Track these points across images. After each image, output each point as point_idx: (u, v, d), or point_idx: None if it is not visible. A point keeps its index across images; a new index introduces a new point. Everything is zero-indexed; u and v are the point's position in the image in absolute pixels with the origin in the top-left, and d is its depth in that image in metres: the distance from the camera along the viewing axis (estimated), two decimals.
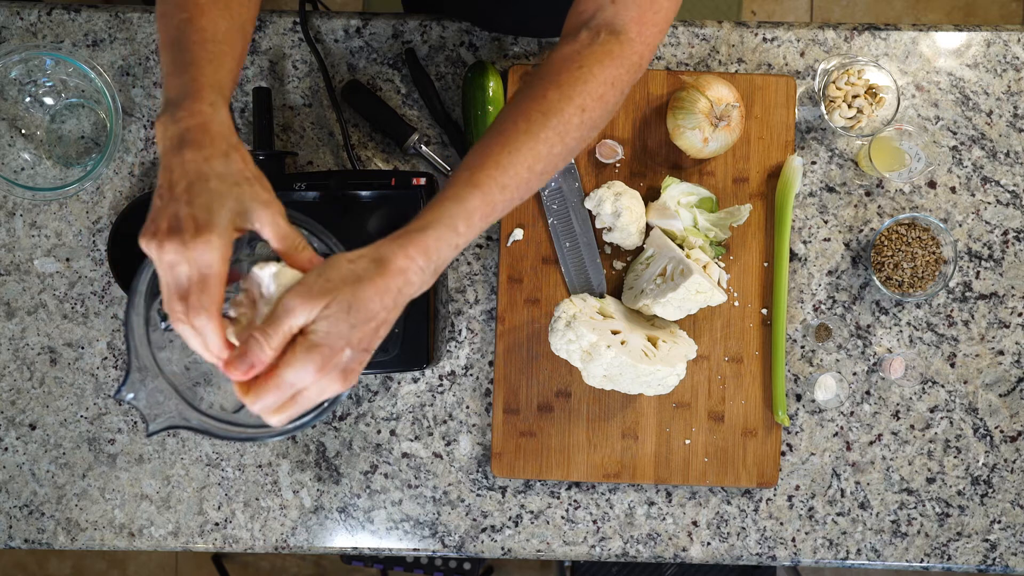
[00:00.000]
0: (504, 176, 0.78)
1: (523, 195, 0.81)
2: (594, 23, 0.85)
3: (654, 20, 0.86)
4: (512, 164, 0.79)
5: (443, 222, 0.75)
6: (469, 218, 0.76)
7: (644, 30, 0.85)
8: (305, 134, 1.22)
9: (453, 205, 0.76)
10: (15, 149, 1.21)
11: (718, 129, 1.13)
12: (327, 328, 0.70)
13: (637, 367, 1.07)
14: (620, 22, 0.84)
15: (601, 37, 0.84)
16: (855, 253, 1.21)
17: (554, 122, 0.81)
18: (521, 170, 0.79)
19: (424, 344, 1.12)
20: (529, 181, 0.80)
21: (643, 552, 1.21)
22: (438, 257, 0.74)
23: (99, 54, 1.22)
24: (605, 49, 0.84)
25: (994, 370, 1.21)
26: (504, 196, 0.78)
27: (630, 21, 0.85)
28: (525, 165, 0.79)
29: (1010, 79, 1.21)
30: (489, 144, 0.80)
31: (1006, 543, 1.21)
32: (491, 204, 0.78)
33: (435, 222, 0.75)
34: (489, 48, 1.22)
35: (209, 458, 1.21)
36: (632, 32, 0.85)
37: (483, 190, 0.77)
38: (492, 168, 0.78)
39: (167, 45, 0.79)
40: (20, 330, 1.22)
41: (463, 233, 0.76)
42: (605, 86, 0.83)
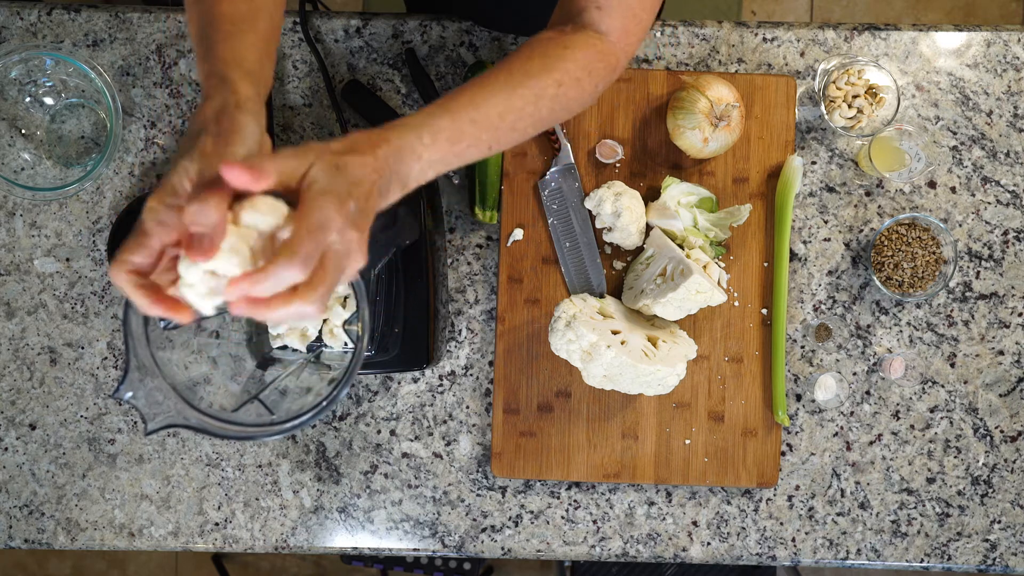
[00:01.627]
0: (476, 112, 0.79)
1: (491, 141, 0.81)
2: (580, 20, 0.90)
3: (635, 30, 0.91)
4: (485, 104, 0.80)
5: (408, 127, 0.75)
6: (435, 134, 0.76)
7: (625, 38, 0.90)
8: (305, 134, 1.22)
9: (421, 117, 0.77)
10: (15, 149, 1.21)
11: (718, 129, 1.13)
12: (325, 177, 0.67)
13: (637, 367, 1.07)
14: (604, 26, 0.89)
15: (587, 32, 0.89)
16: (855, 253, 1.21)
17: (532, 83, 0.83)
18: (493, 113, 0.81)
19: (424, 344, 1.12)
20: (499, 128, 0.82)
21: (643, 552, 1.21)
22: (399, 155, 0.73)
23: (99, 54, 1.22)
24: (590, 42, 0.88)
25: (994, 370, 1.21)
26: (472, 130, 0.79)
27: (613, 28, 0.89)
28: (497, 111, 0.81)
29: (1010, 79, 1.21)
30: (469, 86, 0.82)
31: (1006, 543, 1.21)
32: (459, 131, 0.78)
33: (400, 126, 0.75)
34: (489, 48, 1.22)
35: (209, 458, 1.22)
36: (615, 36, 0.90)
37: (453, 115, 0.78)
38: (466, 102, 0.80)
39: (195, 39, 0.81)
40: (20, 330, 1.22)
41: (427, 145, 0.75)
42: (583, 72, 0.87)
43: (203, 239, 0.64)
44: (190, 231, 0.65)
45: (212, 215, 0.64)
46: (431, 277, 1.09)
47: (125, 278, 0.67)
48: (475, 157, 0.81)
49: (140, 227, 0.67)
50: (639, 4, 0.90)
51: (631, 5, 0.89)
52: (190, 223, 0.64)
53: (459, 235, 1.22)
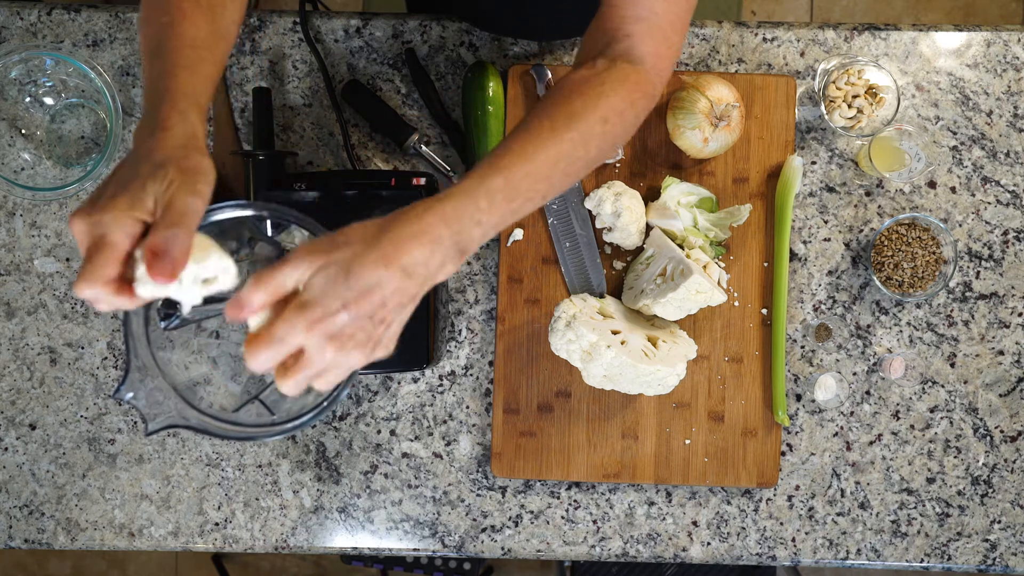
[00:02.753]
0: (528, 165, 0.78)
1: (545, 191, 0.81)
2: (611, 52, 0.88)
3: (667, 53, 0.89)
4: (536, 155, 0.79)
5: (464, 195, 0.74)
6: (491, 196, 0.75)
7: (658, 63, 0.88)
8: (305, 134, 1.22)
9: (475, 182, 0.76)
10: (15, 149, 1.21)
11: (718, 129, 1.13)
12: (320, 286, 0.68)
13: (637, 367, 1.07)
14: (637, 54, 0.87)
15: (618, 64, 0.87)
16: (855, 253, 1.21)
17: (578, 125, 0.82)
18: (545, 164, 0.79)
19: (424, 344, 1.12)
20: (551, 177, 0.80)
21: (643, 552, 1.21)
22: (458, 228, 0.73)
23: (99, 54, 1.22)
24: (624, 74, 0.86)
25: (994, 370, 1.21)
26: (527, 184, 0.78)
27: (646, 54, 0.88)
28: (549, 160, 0.80)
29: (1010, 79, 1.21)
30: (514, 138, 0.80)
31: (1006, 543, 1.21)
32: (515, 188, 0.77)
33: (455, 195, 0.74)
34: (489, 48, 1.22)
35: (209, 458, 1.22)
36: (648, 63, 0.88)
37: (506, 173, 0.77)
38: (517, 156, 0.78)
39: (147, 52, 0.79)
40: (20, 330, 1.22)
41: (484, 209, 0.74)
42: (625, 104, 0.85)
43: (167, 263, 0.66)
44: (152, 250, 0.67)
45: (182, 244, 0.67)
46: None
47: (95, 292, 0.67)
48: (531, 210, 0.80)
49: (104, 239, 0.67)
50: (670, 27, 0.88)
51: (662, 28, 0.88)
52: (156, 246, 0.66)
53: None
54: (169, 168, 0.69)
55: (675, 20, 0.88)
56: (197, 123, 0.74)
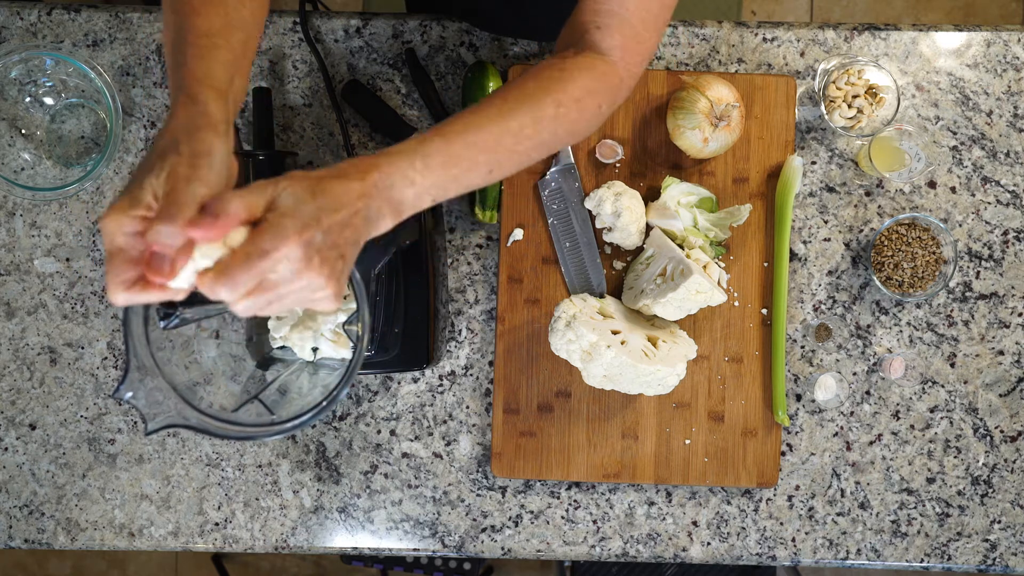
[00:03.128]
0: (472, 135, 0.79)
1: (489, 164, 0.81)
2: (582, 43, 0.90)
3: (637, 49, 0.90)
4: (482, 127, 0.80)
5: (401, 154, 0.75)
6: (427, 159, 0.76)
7: (627, 56, 0.90)
8: (305, 134, 1.22)
9: (414, 144, 0.76)
10: (15, 149, 1.21)
11: (718, 129, 1.13)
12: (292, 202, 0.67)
13: (637, 367, 1.07)
14: (605, 46, 0.89)
15: (585, 53, 0.89)
16: (855, 253, 1.21)
17: (528, 106, 0.83)
18: (489, 136, 0.80)
19: (424, 344, 1.12)
20: (495, 150, 0.81)
21: (643, 552, 1.21)
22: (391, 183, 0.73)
23: (99, 54, 1.22)
24: (588, 62, 0.88)
25: (994, 370, 1.21)
26: (469, 153, 0.79)
27: (614, 47, 0.89)
28: (495, 134, 0.80)
29: (1010, 79, 1.21)
30: (463, 112, 0.82)
31: (1006, 543, 1.21)
32: (454, 156, 0.78)
33: (391, 152, 0.75)
34: (489, 48, 1.22)
35: (209, 458, 1.22)
36: (615, 56, 0.89)
37: (447, 139, 0.78)
38: (463, 125, 0.79)
39: (168, 52, 0.80)
40: (20, 330, 1.22)
41: (419, 170, 0.75)
42: (582, 91, 0.86)
43: (164, 262, 0.66)
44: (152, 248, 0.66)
45: (177, 239, 0.65)
46: (431, 277, 1.09)
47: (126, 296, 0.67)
48: (476, 182, 0.80)
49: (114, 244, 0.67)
50: (640, 23, 0.89)
51: (632, 24, 0.89)
52: (154, 242, 0.66)
53: (459, 235, 1.22)
54: (169, 156, 0.68)
55: (647, 17, 0.89)
56: (211, 103, 0.73)
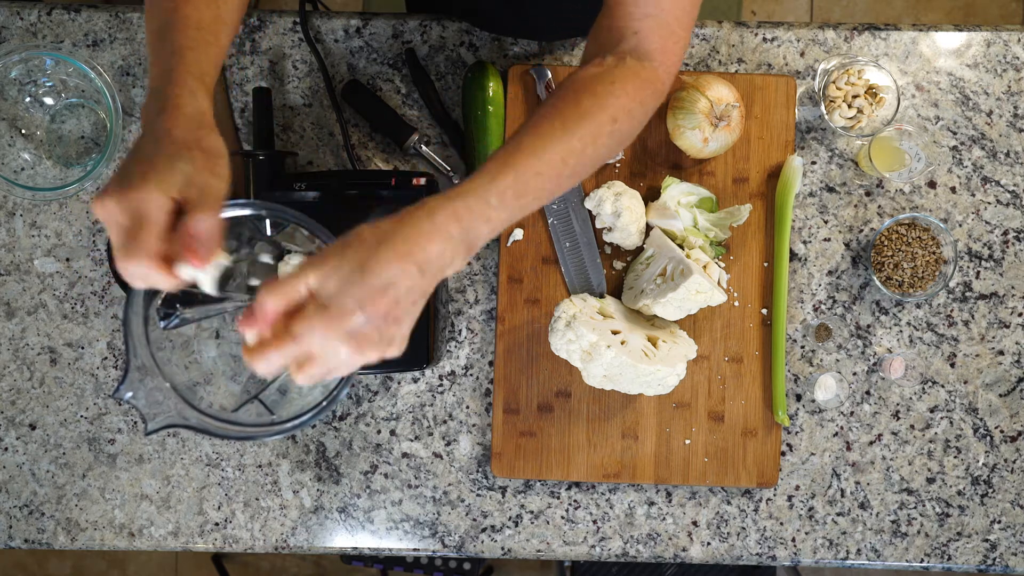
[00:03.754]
0: (538, 163, 0.79)
1: (553, 189, 0.81)
2: (619, 50, 0.88)
3: (674, 49, 0.90)
4: (546, 154, 0.79)
5: (475, 193, 0.75)
6: (502, 194, 0.76)
7: (666, 58, 0.89)
8: (305, 134, 1.22)
9: (486, 180, 0.76)
10: (15, 149, 1.21)
11: (718, 129, 1.13)
12: (335, 287, 0.68)
13: (637, 367, 1.07)
14: (644, 50, 0.88)
15: (627, 61, 0.87)
16: (855, 253, 1.21)
17: (587, 124, 0.82)
18: (555, 160, 0.80)
19: (424, 344, 1.12)
20: (561, 175, 0.81)
21: (643, 552, 1.21)
22: (469, 227, 0.73)
23: (99, 54, 1.22)
24: (633, 71, 0.87)
25: (994, 370, 1.21)
26: (537, 183, 0.79)
27: (654, 50, 0.88)
28: (559, 157, 0.80)
29: (1010, 79, 1.21)
30: (524, 135, 0.81)
31: (1006, 543, 1.21)
32: (524, 185, 0.77)
33: (466, 193, 0.74)
34: (489, 48, 1.22)
35: (209, 458, 1.22)
36: (656, 59, 0.88)
37: (517, 170, 0.77)
38: (527, 155, 0.79)
39: (152, 35, 0.80)
40: (20, 330, 1.22)
41: (495, 207, 0.75)
42: (634, 103, 0.86)
43: (204, 248, 0.70)
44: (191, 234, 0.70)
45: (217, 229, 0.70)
46: None
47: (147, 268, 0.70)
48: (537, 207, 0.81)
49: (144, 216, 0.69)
50: (676, 22, 0.89)
51: (668, 24, 0.88)
52: (195, 230, 0.69)
53: None
54: (193, 150, 0.71)
55: (681, 15, 0.89)
56: (205, 102, 0.76)
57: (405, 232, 0.71)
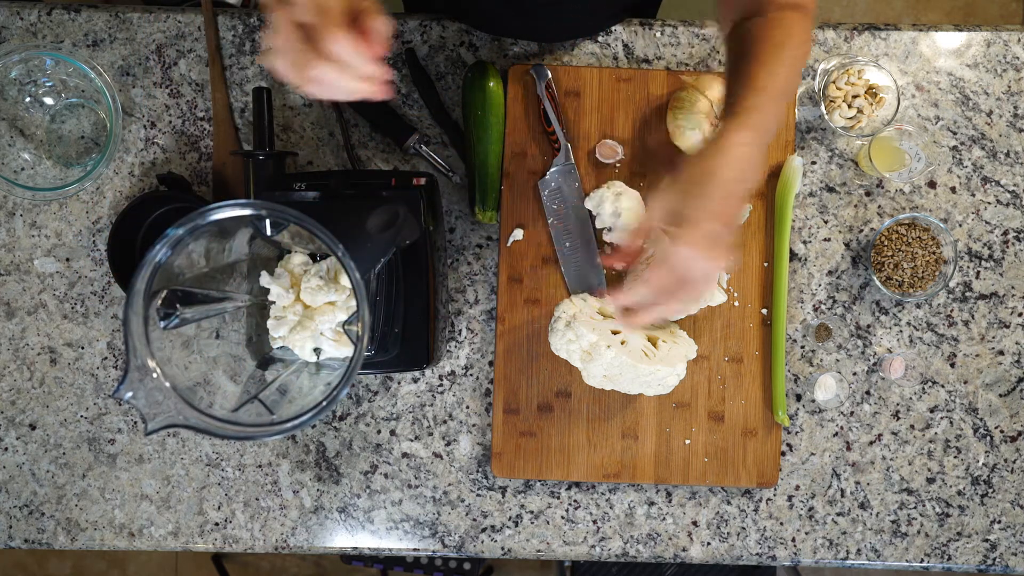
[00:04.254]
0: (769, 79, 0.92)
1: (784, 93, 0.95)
2: (775, 5, 0.97)
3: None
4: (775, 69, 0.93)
5: (758, 109, 0.90)
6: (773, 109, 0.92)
7: (810, 3, 0.99)
8: (305, 134, 1.22)
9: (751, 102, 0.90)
10: (15, 149, 1.21)
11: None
12: (683, 204, 0.87)
13: (637, 367, 1.07)
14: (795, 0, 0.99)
15: (786, 11, 0.97)
16: (855, 253, 1.21)
17: (789, 50, 0.94)
18: (782, 74, 0.93)
19: (424, 344, 1.12)
20: (787, 90, 0.95)
21: (643, 552, 1.21)
22: (764, 133, 0.90)
23: (99, 54, 1.22)
24: (796, 16, 0.97)
25: (994, 370, 1.21)
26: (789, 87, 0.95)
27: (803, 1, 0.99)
28: (784, 73, 0.93)
29: (1010, 79, 1.21)
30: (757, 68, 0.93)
31: (1006, 543, 1.21)
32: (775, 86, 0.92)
33: (753, 108, 0.90)
34: (489, 48, 1.22)
35: (209, 458, 1.22)
36: (808, 4, 0.99)
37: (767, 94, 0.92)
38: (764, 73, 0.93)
39: None
40: (20, 330, 1.22)
41: (772, 115, 0.91)
42: (804, 38, 0.97)
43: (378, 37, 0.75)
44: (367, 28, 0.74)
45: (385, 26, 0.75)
46: (431, 277, 1.09)
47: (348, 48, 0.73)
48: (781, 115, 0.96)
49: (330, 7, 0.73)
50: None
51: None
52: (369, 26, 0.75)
53: (459, 235, 1.22)
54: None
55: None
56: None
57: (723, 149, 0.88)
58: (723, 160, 0.87)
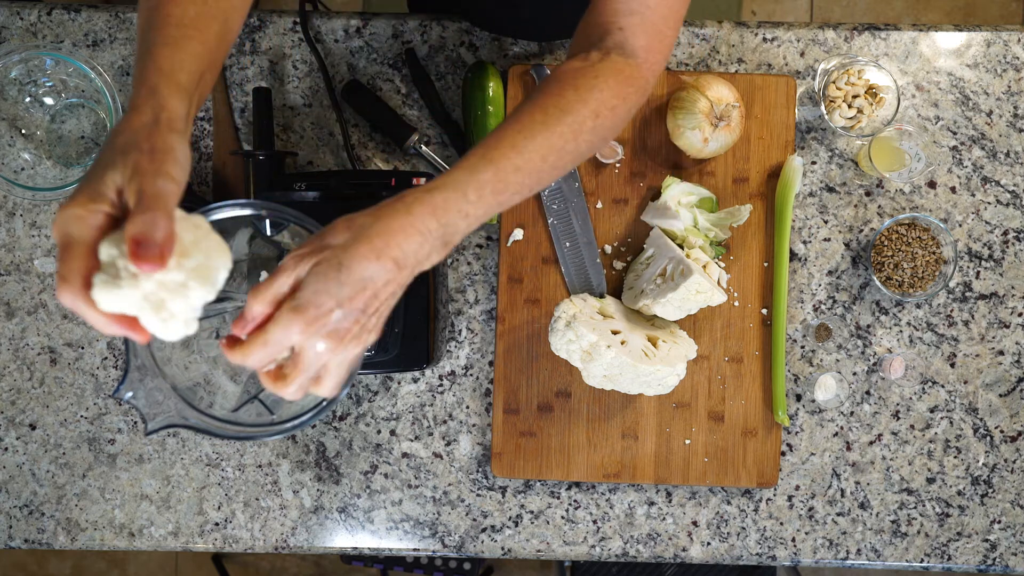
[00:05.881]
0: (519, 158, 0.79)
1: (533, 185, 0.81)
2: (604, 45, 0.88)
3: (659, 48, 0.89)
4: (527, 149, 0.79)
5: (452, 187, 0.75)
6: (480, 189, 0.76)
7: (651, 56, 0.88)
8: (305, 134, 1.22)
9: (465, 174, 0.76)
10: (15, 149, 1.21)
11: (718, 129, 1.13)
12: (314, 286, 0.68)
13: (637, 367, 1.07)
14: (630, 47, 0.87)
15: (612, 57, 0.87)
16: (855, 253, 1.21)
17: (569, 120, 0.82)
18: (535, 157, 0.80)
19: (424, 344, 1.12)
20: (541, 171, 0.81)
21: (643, 552, 1.21)
22: (445, 221, 0.73)
23: (99, 54, 1.22)
24: (617, 67, 0.86)
25: (994, 370, 1.21)
26: (517, 178, 0.78)
27: (638, 48, 0.88)
28: (539, 154, 0.80)
29: (1010, 79, 1.21)
30: (505, 130, 0.80)
31: (1006, 543, 1.21)
32: (503, 181, 0.77)
33: (444, 187, 0.74)
34: (489, 48, 1.22)
35: (209, 458, 1.22)
36: (641, 57, 0.88)
37: (497, 166, 0.77)
38: (508, 148, 0.78)
39: (138, 35, 0.76)
40: (20, 330, 1.22)
41: (473, 202, 0.75)
42: (617, 99, 0.85)
43: (151, 248, 0.61)
44: (134, 239, 0.62)
45: (163, 227, 0.62)
46: (431, 277, 1.09)
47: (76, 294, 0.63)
48: (516, 202, 0.80)
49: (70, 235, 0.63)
50: (662, 21, 0.88)
51: (655, 22, 0.88)
52: (138, 234, 0.62)
53: None
54: (131, 153, 0.65)
55: (668, 14, 0.88)
56: (171, 99, 0.69)
57: (381, 227, 0.70)
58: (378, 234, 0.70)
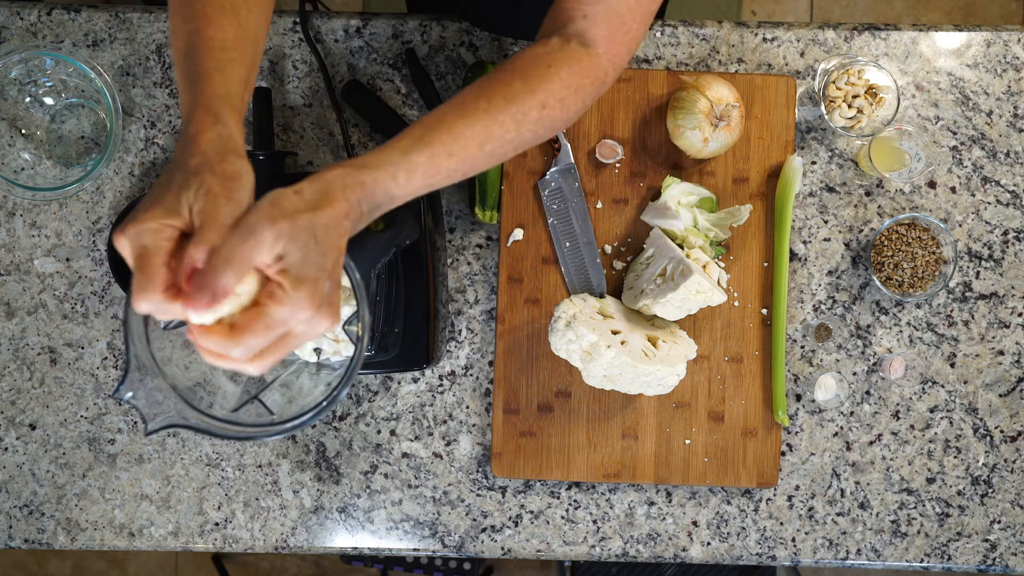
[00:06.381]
0: (455, 144, 0.78)
1: (467, 170, 0.81)
2: (566, 32, 0.87)
3: (622, 40, 0.87)
4: (464, 136, 0.79)
5: (385, 168, 0.74)
6: (411, 172, 0.76)
7: (612, 48, 0.87)
8: (305, 134, 1.22)
9: (399, 156, 0.76)
10: (15, 149, 1.21)
11: (718, 129, 1.13)
12: (303, 257, 0.66)
13: (637, 367, 1.07)
14: (590, 36, 0.86)
15: (571, 45, 0.86)
16: (855, 253, 1.21)
17: (513, 109, 0.81)
18: (471, 144, 0.79)
19: (424, 344, 1.12)
20: (477, 158, 0.80)
21: (643, 552, 1.21)
22: (372, 199, 0.73)
23: (99, 54, 1.22)
24: (574, 56, 0.85)
25: (994, 370, 1.21)
26: (450, 164, 0.78)
27: (600, 38, 0.86)
28: (476, 141, 0.79)
29: (1010, 79, 1.21)
30: (446, 113, 0.80)
31: (1006, 543, 1.21)
32: (435, 167, 0.77)
33: (375, 166, 0.74)
34: (489, 48, 1.22)
35: (209, 458, 1.22)
36: (600, 48, 0.86)
37: (431, 150, 0.77)
38: (445, 133, 0.78)
39: (179, 60, 0.78)
40: (20, 330, 1.22)
41: (402, 185, 0.75)
42: (568, 90, 0.84)
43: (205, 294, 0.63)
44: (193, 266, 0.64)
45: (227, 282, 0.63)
46: (431, 277, 1.09)
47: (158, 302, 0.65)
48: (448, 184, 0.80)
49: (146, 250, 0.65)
50: (628, 14, 0.87)
51: (620, 14, 0.86)
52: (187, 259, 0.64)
53: (459, 235, 1.22)
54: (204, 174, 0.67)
55: (635, 7, 0.87)
56: (233, 126, 0.72)
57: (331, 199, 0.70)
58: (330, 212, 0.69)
